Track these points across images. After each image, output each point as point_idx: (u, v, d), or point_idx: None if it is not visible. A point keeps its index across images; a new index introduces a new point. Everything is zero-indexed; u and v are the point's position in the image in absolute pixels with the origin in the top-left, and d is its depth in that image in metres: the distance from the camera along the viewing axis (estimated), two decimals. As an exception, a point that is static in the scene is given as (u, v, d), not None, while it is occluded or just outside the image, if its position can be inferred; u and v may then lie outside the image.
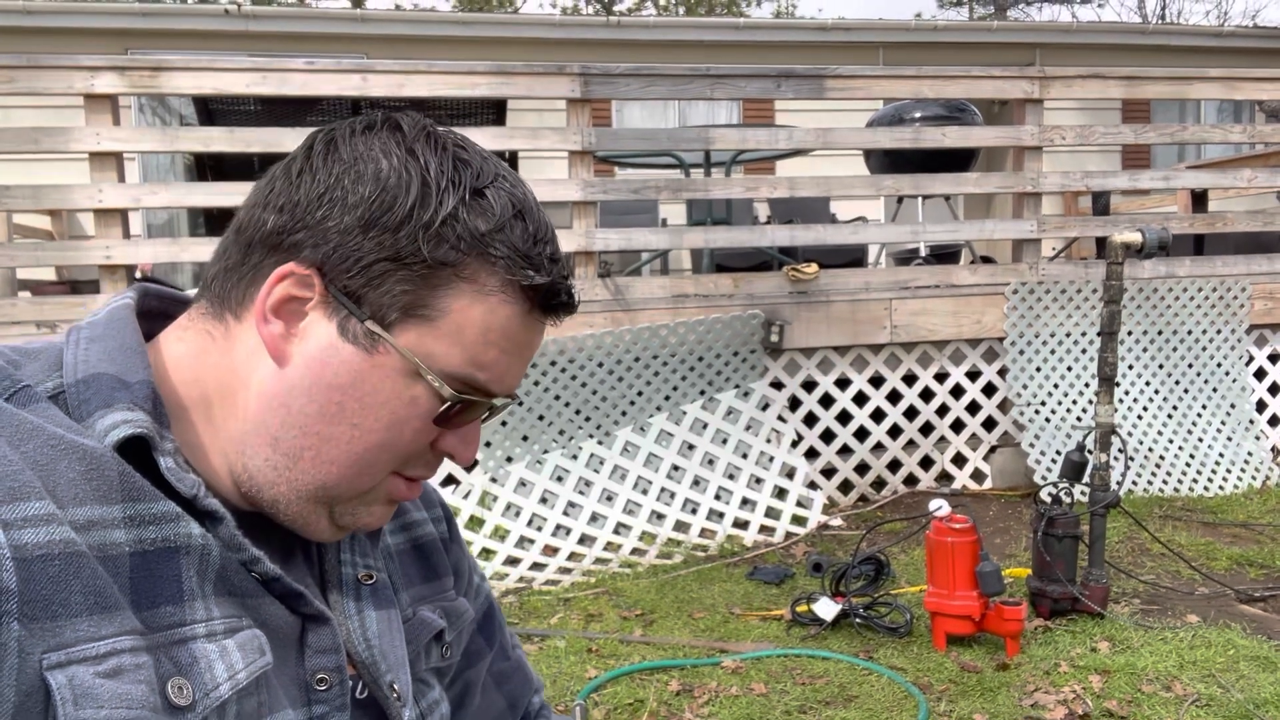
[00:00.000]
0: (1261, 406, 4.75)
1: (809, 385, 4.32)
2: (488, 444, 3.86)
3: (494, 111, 4.88)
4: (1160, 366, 4.59)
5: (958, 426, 4.47)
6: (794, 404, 4.30)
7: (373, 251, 0.64)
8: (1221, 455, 4.45)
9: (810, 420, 4.31)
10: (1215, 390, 4.61)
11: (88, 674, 0.52)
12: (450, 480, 3.89)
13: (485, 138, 4.18)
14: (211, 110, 4.52)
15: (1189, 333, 4.64)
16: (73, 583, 0.53)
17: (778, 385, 4.27)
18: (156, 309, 0.73)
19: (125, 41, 7.85)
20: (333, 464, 0.66)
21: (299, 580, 0.68)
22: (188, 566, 0.60)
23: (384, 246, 0.64)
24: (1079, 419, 4.36)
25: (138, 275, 4.88)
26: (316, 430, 0.65)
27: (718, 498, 4.02)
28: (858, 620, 2.90)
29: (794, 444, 4.23)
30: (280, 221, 0.65)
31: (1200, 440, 4.48)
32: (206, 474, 0.66)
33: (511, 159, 5.37)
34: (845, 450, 4.34)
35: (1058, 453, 4.23)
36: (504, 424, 3.88)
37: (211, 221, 5.85)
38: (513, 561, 3.62)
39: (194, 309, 0.69)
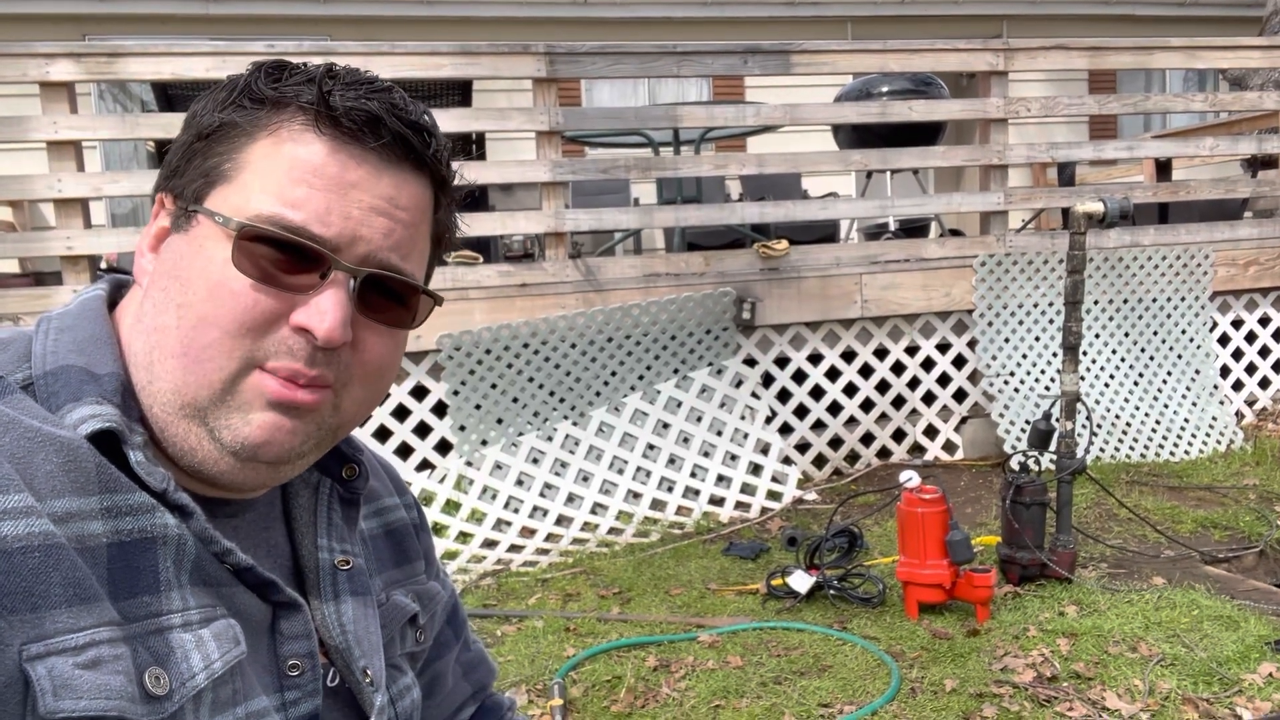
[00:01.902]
0: (1225, 372, 4.83)
1: (781, 361, 4.35)
2: (462, 428, 3.86)
3: (460, 93, 4.84)
4: (1126, 334, 4.65)
5: (929, 399, 4.52)
6: (767, 380, 4.33)
7: (183, 144, 0.67)
8: (1186, 421, 4.53)
9: (784, 396, 4.34)
10: (1180, 357, 4.69)
11: (67, 665, 0.53)
12: (425, 465, 3.89)
13: (451, 119, 4.15)
14: (171, 96, 4.44)
15: (1154, 300, 4.71)
16: (52, 574, 0.54)
17: (751, 362, 4.30)
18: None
19: (83, 27, 7.69)
20: (172, 357, 0.62)
21: (271, 569, 0.68)
22: (164, 557, 0.60)
23: (188, 133, 0.67)
24: (1047, 388, 4.42)
25: (102, 265, 4.82)
26: (154, 325, 0.63)
27: (693, 475, 4.04)
28: (832, 592, 2.94)
29: (768, 420, 4.26)
30: (161, 176, 0.69)
31: (1165, 406, 4.55)
32: (173, 463, 0.65)
33: (479, 140, 5.33)
34: (819, 425, 4.38)
35: (1027, 422, 4.29)
36: (478, 407, 3.88)
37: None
38: (490, 544, 3.63)
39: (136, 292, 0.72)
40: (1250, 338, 4.92)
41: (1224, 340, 4.87)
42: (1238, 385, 4.87)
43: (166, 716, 0.57)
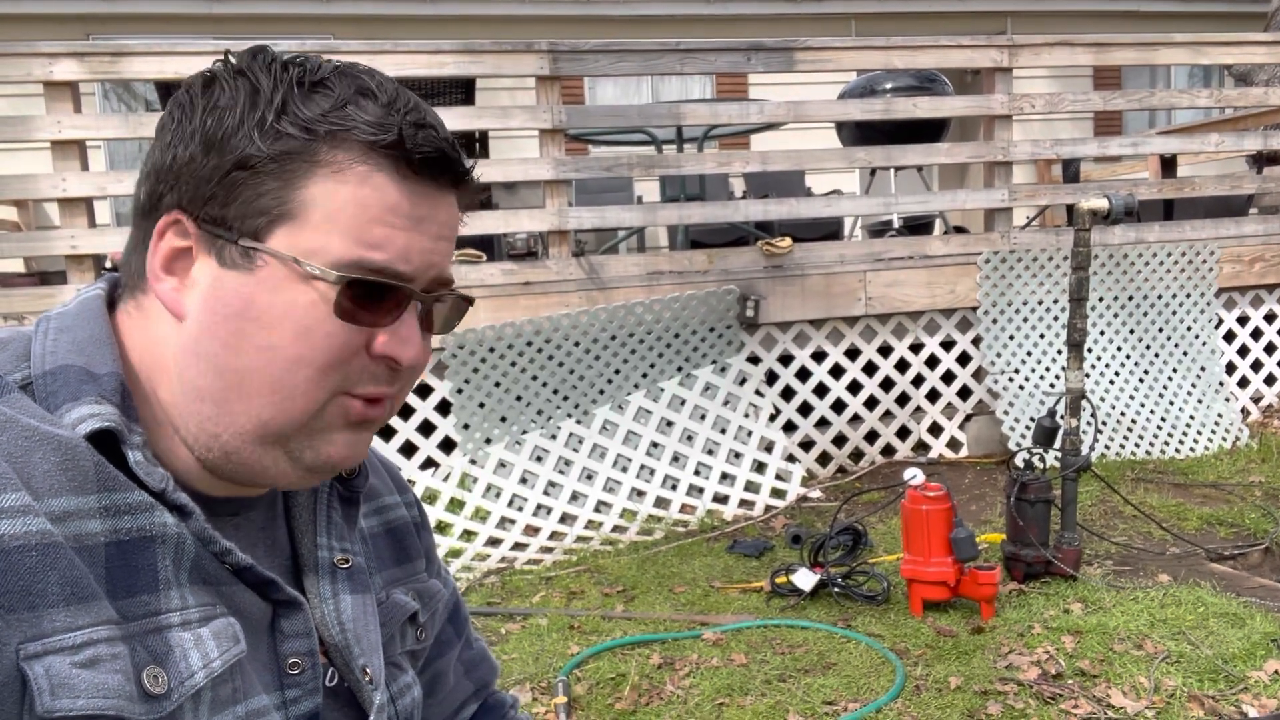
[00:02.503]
0: (1231, 369, 4.82)
1: (785, 359, 4.35)
2: (466, 426, 3.86)
3: (463, 91, 4.84)
4: (1131, 331, 4.64)
5: (933, 396, 4.51)
6: (771, 378, 4.32)
7: (218, 169, 0.62)
8: (1192, 418, 4.52)
9: (787, 394, 4.34)
10: (1185, 354, 4.67)
11: (64, 664, 0.53)
12: (429, 463, 3.89)
13: (455, 118, 4.15)
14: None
15: (1159, 297, 4.69)
16: (49, 573, 0.54)
17: (754, 360, 4.29)
18: None
19: (87, 27, 7.71)
20: (259, 395, 0.63)
21: (271, 567, 0.68)
22: (163, 555, 0.60)
23: (226, 158, 0.62)
24: (1052, 385, 4.41)
25: (107, 264, 4.83)
26: (231, 367, 0.63)
27: (697, 473, 4.04)
28: (836, 589, 2.93)
29: (772, 418, 4.25)
30: (148, 187, 0.66)
31: (1171, 403, 4.54)
32: (174, 463, 0.65)
33: (482, 138, 5.33)
34: (823, 423, 4.37)
35: (1032, 419, 4.28)
36: (482, 406, 3.88)
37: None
38: (494, 542, 3.63)
39: (122, 304, 0.69)
40: (1256, 334, 4.90)
41: (1229, 337, 4.86)
42: (1243, 382, 4.85)
43: (165, 715, 0.57)
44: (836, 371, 4.39)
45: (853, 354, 4.43)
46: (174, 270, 0.65)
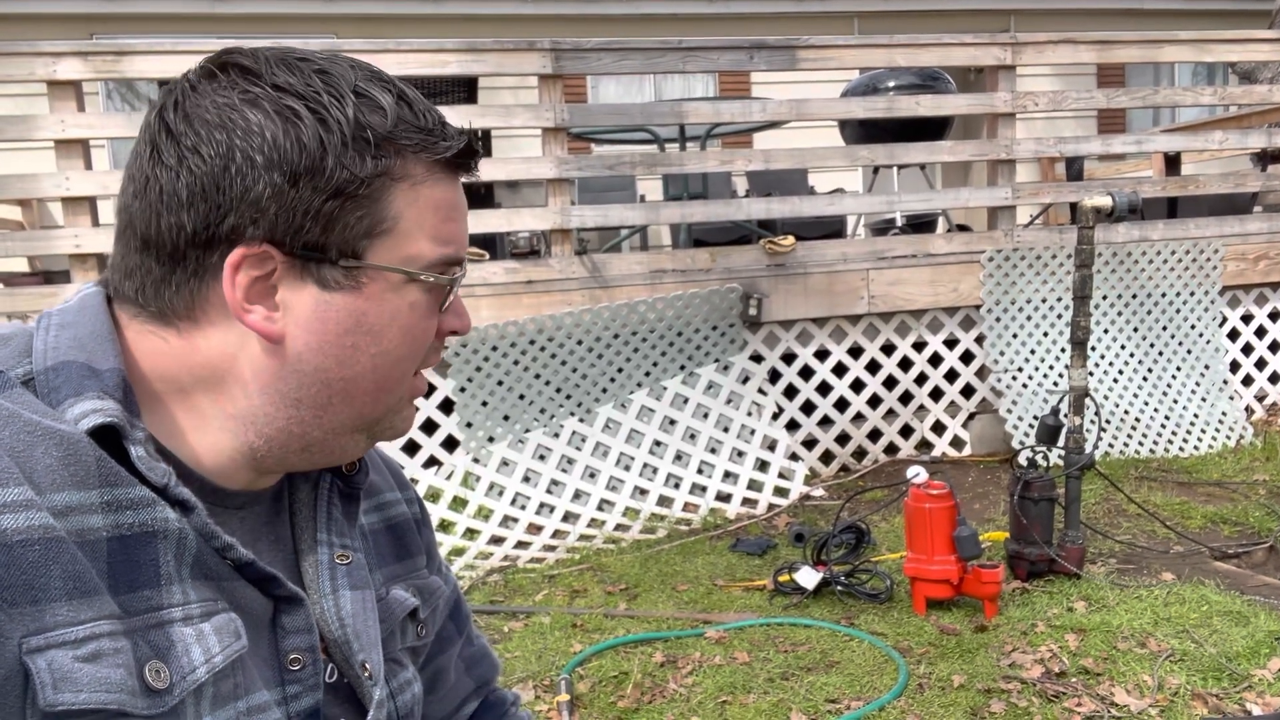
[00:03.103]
0: (1235, 367, 4.81)
1: (788, 357, 4.34)
2: (469, 424, 3.86)
3: (465, 90, 4.84)
4: (1135, 329, 4.63)
5: (936, 394, 4.51)
6: (774, 376, 4.32)
7: (313, 198, 0.63)
8: (1196, 416, 4.51)
9: (790, 392, 4.33)
10: (1189, 352, 4.66)
11: (67, 658, 0.53)
12: (432, 461, 3.90)
13: (457, 116, 4.13)
14: (179, 95, 4.44)
15: (1163, 295, 4.68)
16: (52, 568, 0.54)
17: (757, 358, 4.29)
18: None
19: (90, 27, 7.72)
20: (364, 395, 0.69)
21: (273, 562, 0.68)
22: (165, 551, 0.60)
23: (320, 188, 0.63)
24: (1055, 383, 4.40)
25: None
26: (340, 376, 0.67)
27: (700, 472, 4.04)
28: (839, 588, 2.93)
29: (774, 416, 4.25)
30: (199, 216, 0.63)
31: (1175, 402, 4.53)
32: (186, 457, 0.66)
33: (485, 137, 5.33)
34: (826, 421, 4.37)
35: (1035, 418, 4.27)
36: (484, 404, 3.88)
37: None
38: (497, 540, 3.64)
39: (125, 314, 0.67)
40: (1260, 332, 4.89)
41: (1234, 335, 4.84)
42: (1247, 380, 4.84)
43: (167, 710, 0.57)
44: (839, 370, 4.39)
45: (856, 352, 4.43)
46: (254, 299, 0.64)
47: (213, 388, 0.66)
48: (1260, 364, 4.87)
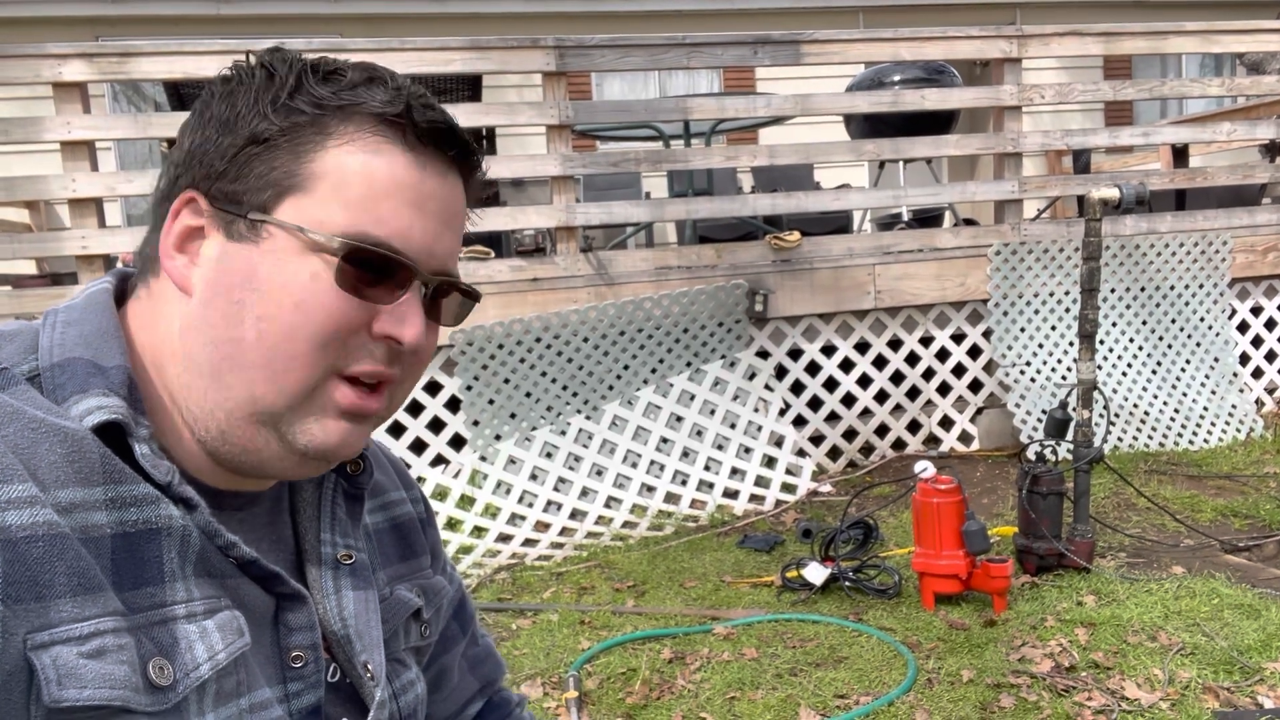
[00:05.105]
0: (1244, 359, 4.78)
1: (795, 353, 4.33)
2: (475, 423, 3.87)
3: (470, 88, 4.84)
4: (1144, 323, 4.61)
5: (944, 389, 4.49)
6: (780, 373, 4.31)
7: (231, 145, 0.64)
8: (1206, 409, 4.49)
9: (797, 388, 4.32)
10: (1199, 344, 4.64)
11: (71, 654, 0.53)
12: (440, 460, 3.90)
13: (462, 114, 4.15)
14: (183, 96, 4.46)
15: (1171, 288, 4.66)
16: (56, 564, 0.54)
17: (763, 354, 4.28)
18: None
19: (96, 29, 7.74)
20: (252, 367, 0.63)
21: (276, 561, 0.68)
22: (169, 548, 0.60)
23: (239, 134, 0.64)
24: (1064, 377, 4.39)
25: (119, 265, 4.83)
26: (227, 337, 0.63)
27: (707, 468, 4.04)
28: (847, 583, 2.92)
29: (781, 412, 4.24)
30: (168, 176, 0.67)
31: (1184, 394, 4.51)
32: (182, 455, 0.66)
33: (489, 135, 5.33)
34: (833, 417, 4.36)
35: (1044, 412, 4.26)
36: (491, 402, 3.88)
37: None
38: (505, 538, 3.64)
39: (134, 303, 0.70)
40: (1270, 324, 4.86)
41: (1243, 327, 4.82)
42: (1257, 373, 4.81)
43: (170, 707, 0.57)
44: (846, 365, 4.38)
45: (862, 347, 4.41)
46: (186, 249, 0.66)
47: (164, 356, 0.66)
48: (1270, 356, 4.84)
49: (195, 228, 0.65)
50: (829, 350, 4.37)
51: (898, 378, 4.44)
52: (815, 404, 4.34)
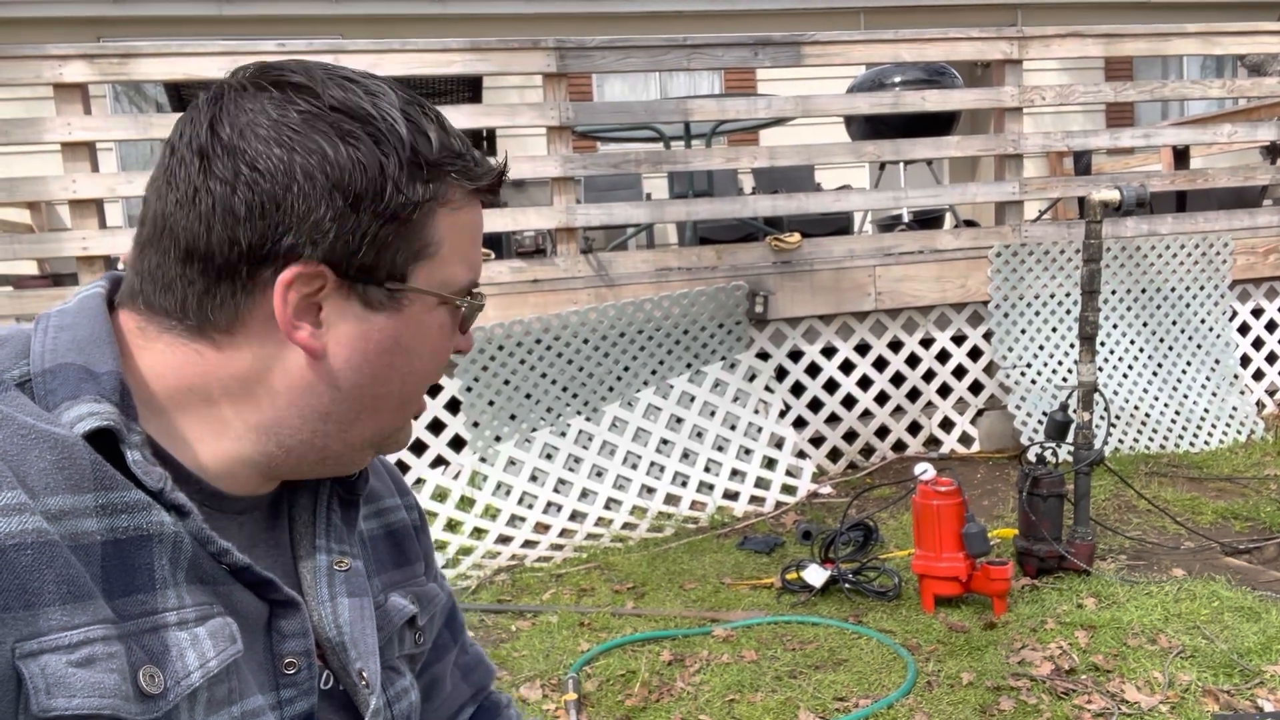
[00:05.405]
0: (1245, 361, 4.78)
1: (795, 355, 4.33)
2: (475, 424, 3.86)
3: (470, 90, 4.84)
4: (1145, 324, 4.61)
5: (944, 391, 4.49)
6: (780, 374, 4.31)
7: (371, 222, 0.64)
8: (1206, 411, 4.48)
9: (797, 390, 4.32)
10: (1199, 346, 4.63)
11: (60, 663, 0.53)
12: (440, 461, 3.90)
13: (462, 116, 4.15)
14: (184, 97, 4.46)
15: (1172, 289, 4.65)
16: (45, 572, 0.53)
17: (764, 356, 4.28)
18: None
19: (97, 30, 7.75)
20: (389, 411, 0.71)
21: (270, 567, 0.68)
22: (160, 555, 0.60)
23: (379, 213, 0.64)
24: (1064, 379, 4.38)
25: (119, 266, 4.84)
26: (373, 393, 0.69)
27: (707, 470, 4.03)
28: (847, 585, 2.92)
29: (782, 414, 4.24)
30: (257, 233, 0.62)
31: (1185, 396, 4.50)
32: (189, 461, 0.65)
33: (490, 136, 5.33)
34: (833, 418, 4.36)
35: (1044, 414, 4.25)
36: (491, 404, 3.88)
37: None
38: (505, 540, 3.64)
39: (141, 320, 0.66)
40: (1271, 326, 4.86)
41: (1244, 329, 4.81)
42: (1258, 375, 4.81)
43: (161, 715, 0.57)
44: (846, 367, 4.37)
45: (863, 349, 4.41)
46: (300, 314, 0.65)
47: (240, 399, 0.66)
48: (1271, 358, 4.84)
49: (308, 294, 0.64)
50: (829, 352, 4.36)
51: (898, 379, 4.44)
52: (815, 406, 4.33)
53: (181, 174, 0.63)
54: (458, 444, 3.93)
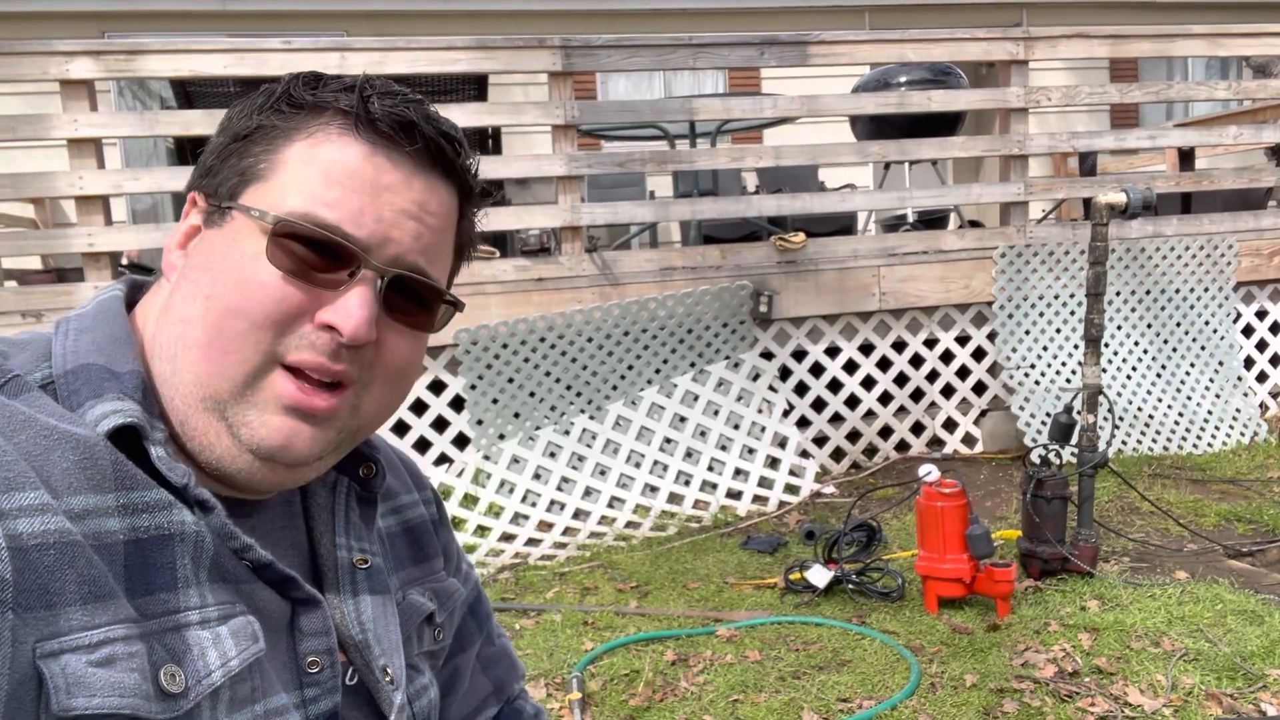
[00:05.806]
0: (1249, 363, 4.77)
1: (799, 354, 4.33)
2: (479, 422, 3.87)
3: (476, 88, 4.83)
4: (1149, 326, 4.61)
5: (948, 391, 4.49)
6: (784, 374, 4.31)
7: (220, 144, 0.69)
8: (1210, 413, 4.48)
9: (801, 389, 4.32)
10: (1203, 348, 4.63)
11: (80, 663, 0.53)
12: (443, 459, 3.91)
13: (467, 114, 4.15)
14: (190, 93, 4.46)
15: (1176, 291, 4.65)
16: (67, 572, 0.54)
17: (768, 355, 4.28)
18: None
19: (103, 25, 7.75)
20: (196, 346, 0.63)
21: (290, 566, 0.68)
22: (182, 554, 0.60)
23: (226, 134, 0.69)
24: (1069, 381, 4.38)
25: (123, 262, 4.85)
26: (181, 316, 0.64)
27: (710, 469, 4.04)
28: (850, 586, 2.92)
29: (785, 414, 4.24)
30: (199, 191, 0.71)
31: (1189, 398, 4.50)
32: (208, 460, 0.66)
33: (494, 135, 5.33)
34: (837, 418, 4.36)
35: (1048, 415, 4.25)
36: (495, 401, 3.89)
37: (196, 206, 5.79)
38: (508, 538, 3.64)
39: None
40: (1275, 328, 4.85)
41: (1248, 331, 4.81)
42: (1262, 377, 4.81)
43: (182, 714, 0.58)
44: (850, 367, 4.38)
45: (866, 349, 4.41)
46: (186, 247, 0.70)
47: (154, 350, 0.69)
48: (1275, 360, 4.83)
49: (197, 226, 0.69)
50: (833, 352, 4.37)
51: (902, 380, 4.44)
52: (819, 405, 4.34)
53: None
54: (461, 441, 3.93)
